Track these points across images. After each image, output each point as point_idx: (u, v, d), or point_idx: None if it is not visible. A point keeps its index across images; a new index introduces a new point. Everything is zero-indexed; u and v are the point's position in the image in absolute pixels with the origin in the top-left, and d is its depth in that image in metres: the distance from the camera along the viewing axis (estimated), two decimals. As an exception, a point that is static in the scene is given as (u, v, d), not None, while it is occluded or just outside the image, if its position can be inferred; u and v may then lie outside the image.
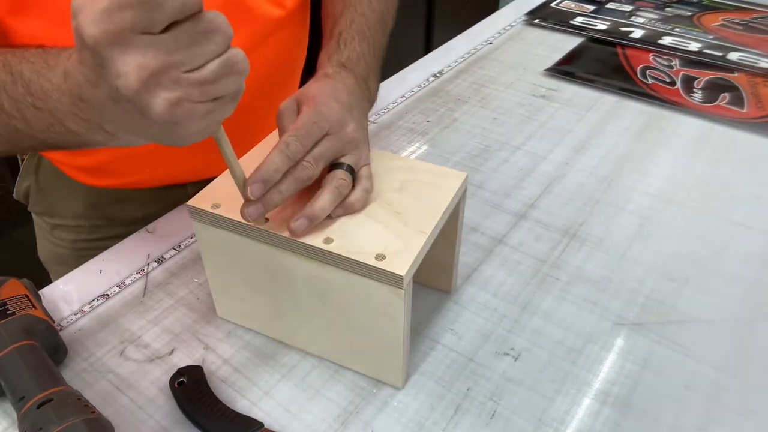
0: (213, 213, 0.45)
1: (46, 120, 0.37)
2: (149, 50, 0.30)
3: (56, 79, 0.35)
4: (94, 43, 0.30)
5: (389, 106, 0.84)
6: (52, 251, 0.74)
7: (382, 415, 0.46)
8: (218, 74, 0.32)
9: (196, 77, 0.31)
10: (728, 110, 0.82)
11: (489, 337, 0.52)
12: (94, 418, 0.40)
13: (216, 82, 0.32)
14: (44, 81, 0.36)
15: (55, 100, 0.36)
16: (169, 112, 0.32)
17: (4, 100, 0.37)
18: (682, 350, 0.51)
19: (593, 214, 0.65)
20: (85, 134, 0.37)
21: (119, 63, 0.30)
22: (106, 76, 0.31)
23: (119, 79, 0.30)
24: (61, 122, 0.36)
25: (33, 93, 0.36)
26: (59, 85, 0.35)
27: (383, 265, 0.40)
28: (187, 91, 0.32)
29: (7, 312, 0.46)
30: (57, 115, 0.36)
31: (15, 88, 0.37)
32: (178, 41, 0.30)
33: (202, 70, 0.32)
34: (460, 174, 0.48)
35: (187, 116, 0.33)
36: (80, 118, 0.36)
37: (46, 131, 0.38)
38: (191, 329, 0.53)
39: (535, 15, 1.10)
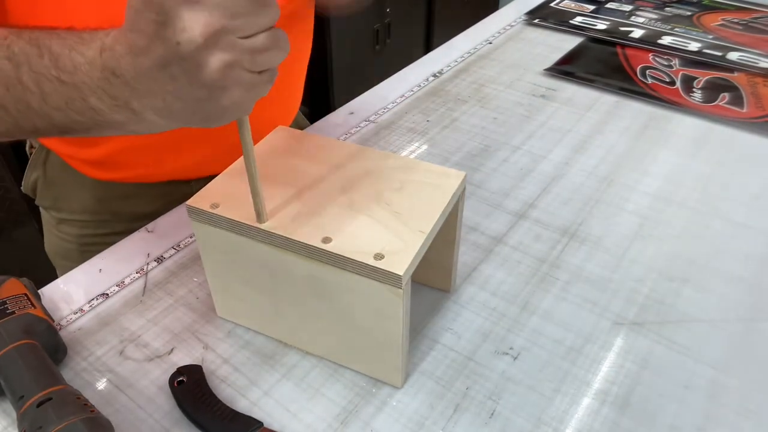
0: (212, 213, 0.45)
1: (67, 94, 0.37)
2: (215, 11, 0.32)
3: (90, 53, 0.36)
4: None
5: (389, 106, 0.84)
6: (58, 245, 0.75)
7: (381, 415, 0.46)
8: (267, 45, 0.34)
9: (249, 44, 0.34)
10: (728, 110, 0.82)
11: (488, 337, 0.52)
12: (93, 417, 0.40)
13: (264, 52, 0.34)
14: (76, 54, 0.36)
15: (84, 74, 0.36)
16: (222, 72, 0.33)
17: (25, 72, 0.38)
18: (682, 350, 0.51)
19: (593, 214, 0.65)
20: (106, 112, 0.37)
21: (186, 18, 0.32)
22: (167, 34, 0.32)
23: (184, 33, 0.32)
24: (83, 98, 0.37)
25: (60, 66, 0.37)
26: (93, 59, 0.36)
27: (382, 264, 0.40)
28: (240, 57, 0.34)
29: (7, 311, 0.46)
30: (82, 89, 0.37)
31: (40, 60, 0.37)
32: (240, 8, 0.33)
33: (255, 39, 0.34)
34: (459, 173, 0.48)
35: (236, 81, 0.34)
36: (106, 94, 0.36)
37: (63, 108, 0.38)
38: (191, 328, 0.53)
39: (535, 15, 1.10)
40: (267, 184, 0.47)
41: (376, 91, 0.88)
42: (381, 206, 0.45)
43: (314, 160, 0.50)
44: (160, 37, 0.33)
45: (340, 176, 0.48)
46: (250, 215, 0.44)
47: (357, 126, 0.80)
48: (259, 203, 0.43)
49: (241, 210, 0.45)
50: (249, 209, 0.44)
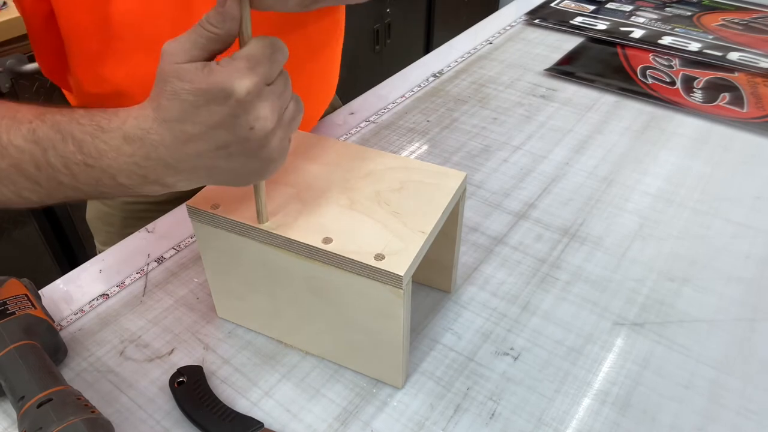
0: (212, 213, 0.45)
1: (96, 175, 0.39)
2: (272, 97, 0.37)
3: (114, 142, 0.38)
4: (245, 94, 0.35)
5: (389, 106, 0.84)
6: (100, 210, 0.77)
7: (381, 415, 0.46)
8: (297, 110, 0.40)
9: (288, 114, 0.39)
10: (728, 110, 0.82)
11: (489, 337, 0.52)
12: (94, 417, 0.40)
13: (296, 117, 0.40)
14: (99, 143, 0.38)
15: (111, 159, 0.38)
16: (279, 147, 0.39)
17: (51, 156, 0.40)
18: (682, 350, 0.51)
19: (593, 214, 0.65)
20: (135, 187, 0.40)
21: (260, 108, 0.36)
22: (241, 122, 0.36)
23: (258, 122, 0.36)
24: (113, 177, 0.39)
25: (84, 152, 0.39)
26: (118, 147, 0.38)
27: (382, 265, 0.40)
28: (287, 128, 0.39)
29: (7, 312, 0.46)
30: (109, 171, 0.39)
31: (65, 146, 0.39)
32: (280, 87, 0.37)
33: (289, 108, 0.39)
34: (459, 174, 0.48)
35: (284, 151, 0.40)
36: (136, 174, 0.39)
37: (92, 184, 0.40)
38: (191, 329, 0.53)
39: (535, 15, 1.10)
40: (267, 185, 0.47)
41: (376, 91, 0.88)
42: (381, 206, 0.45)
43: (314, 160, 0.50)
44: (227, 125, 0.36)
45: (340, 176, 0.48)
46: (250, 216, 0.44)
47: (357, 126, 0.80)
48: (259, 203, 0.43)
49: (241, 210, 0.45)
50: (249, 210, 0.44)
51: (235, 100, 0.35)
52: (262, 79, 0.36)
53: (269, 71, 0.36)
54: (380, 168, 0.49)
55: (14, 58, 1.04)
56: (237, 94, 0.35)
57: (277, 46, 0.37)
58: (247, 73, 0.35)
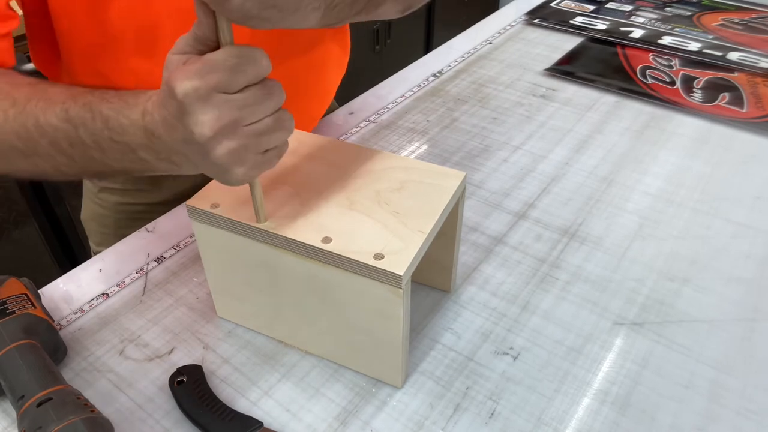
0: (212, 213, 0.45)
1: (121, 149, 0.42)
2: (224, 106, 0.36)
3: (134, 116, 0.41)
4: (183, 95, 0.36)
5: (389, 106, 0.84)
6: (95, 212, 0.78)
7: (381, 414, 0.46)
8: (271, 128, 0.39)
9: (254, 129, 0.38)
10: (728, 110, 0.82)
11: (488, 337, 0.52)
12: (93, 417, 0.40)
13: (268, 134, 0.39)
14: (123, 118, 0.41)
15: (132, 134, 0.41)
16: (227, 157, 0.38)
17: (82, 133, 0.43)
18: (682, 350, 0.51)
19: (593, 214, 0.65)
20: (153, 162, 0.42)
21: (200, 113, 0.36)
22: (185, 122, 0.37)
23: (196, 126, 0.36)
24: (134, 151, 0.42)
25: (110, 128, 0.42)
26: (137, 121, 0.41)
27: (382, 264, 0.40)
28: (246, 142, 0.38)
29: (7, 311, 0.46)
30: (131, 145, 0.42)
31: (94, 123, 0.43)
32: (247, 100, 0.37)
33: (260, 124, 0.38)
34: (458, 173, 0.48)
35: (241, 163, 0.39)
36: (151, 149, 0.41)
37: (120, 159, 0.43)
38: (191, 328, 0.53)
39: (535, 15, 1.10)
40: (267, 184, 0.47)
41: (376, 91, 0.88)
42: (381, 206, 0.45)
43: (314, 160, 0.50)
44: (181, 122, 0.37)
45: (340, 176, 0.48)
46: (250, 215, 0.44)
47: (357, 126, 0.80)
48: (256, 203, 0.43)
49: (241, 210, 0.45)
50: (249, 209, 0.44)
51: (177, 100, 0.36)
52: (210, 85, 0.36)
53: (226, 80, 0.36)
54: (380, 168, 0.49)
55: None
56: (177, 94, 0.36)
57: (249, 57, 0.36)
58: (191, 75, 0.36)
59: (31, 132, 0.45)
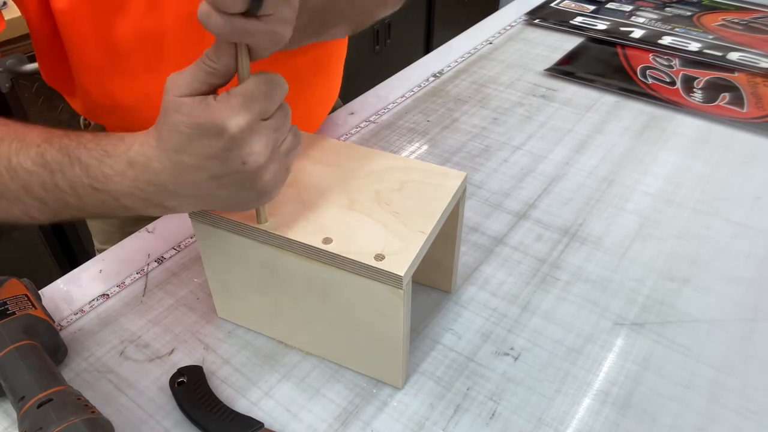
0: (212, 213, 0.45)
1: (101, 198, 0.41)
2: (267, 131, 0.38)
3: (118, 167, 0.40)
4: (239, 131, 0.36)
5: (389, 106, 0.84)
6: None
7: (382, 415, 0.46)
8: (294, 144, 0.41)
9: (284, 148, 0.40)
10: (728, 110, 0.82)
11: (489, 337, 0.52)
12: (94, 417, 0.40)
13: (293, 150, 0.41)
14: (105, 167, 0.40)
15: (116, 183, 0.40)
16: (272, 180, 0.39)
17: (59, 179, 0.41)
18: (682, 350, 0.51)
19: (593, 214, 0.65)
20: (140, 209, 0.42)
21: (254, 144, 0.37)
22: (233, 157, 0.37)
23: (251, 157, 0.37)
24: (117, 200, 0.41)
25: (91, 176, 0.40)
26: (122, 172, 0.40)
27: (382, 265, 0.40)
28: (282, 161, 0.40)
29: (7, 312, 0.46)
30: (114, 195, 0.41)
31: (72, 170, 0.41)
32: (278, 122, 0.38)
33: (286, 142, 0.40)
34: (459, 174, 0.48)
35: (279, 183, 0.41)
36: (139, 198, 0.40)
37: (99, 206, 0.42)
38: (191, 329, 0.53)
39: (535, 15, 1.10)
40: (267, 185, 0.47)
41: (376, 91, 0.88)
42: (381, 207, 0.45)
43: (314, 160, 0.50)
44: (221, 158, 0.37)
45: (340, 176, 0.48)
46: (250, 216, 0.44)
47: (357, 126, 0.80)
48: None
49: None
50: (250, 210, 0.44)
51: (228, 136, 0.36)
52: (256, 116, 0.37)
53: (265, 107, 0.37)
54: (380, 168, 0.49)
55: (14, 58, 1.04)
56: (230, 131, 0.36)
57: (275, 83, 0.37)
58: (240, 110, 0.36)
59: (1, 174, 0.43)
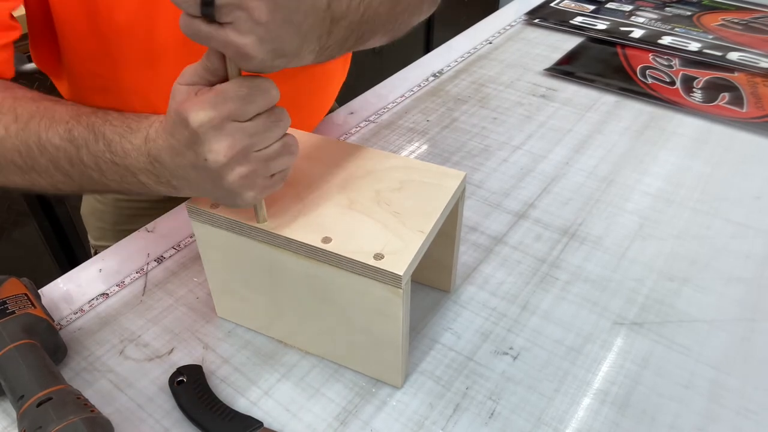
0: (212, 212, 0.45)
1: (121, 172, 0.43)
2: (237, 134, 0.37)
3: (137, 141, 0.42)
4: (198, 125, 0.37)
5: (389, 106, 0.84)
6: (94, 207, 0.79)
7: (381, 414, 0.46)
8: (279, 153, 0.40)
9: (263, 155, 0.39)
10: (728, 110, 0.82)
11: (488, 337, 0.52)
12: (93, 416, 0.40)
13: (276, 159, 0.40)
14: (126, 142, 0.43)
15: (133, 158, 0.42)
16: (238, 183, 0.39)
17: (84, 154, 0.44)
18: (682, 350, 0.51)
19: (593, 214, 0.65)
20: (152, 186, 0.43)
21: (214, 142, 0.37)
22: (197, 150, 0.38)
23: (210, 154, 0.38)
24: (134, 175, 0.43)
25: (113, 151, 0.43)
26: (139, 146, 0.42)
27: (382, 264, 0.40)
28: (256, 167, 0.39)
29: (7, 311, 0.46)
30: (132, 169, 0.43)
31: (96, 145, 0.44)
32: (257, 128, 0.38)
33: (269, 149, 0.39)
34: (458, 173, 0.48)
35: (251, 187, 0.40)
36: (152, 173, 0.42)
37: (118, 181, 0.44)
38: (191, 328, 0.53)
39: (535, 15, 1.10)
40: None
41: (376, 91, 0.88)
42: (381, 206, 0.45)
43: (314, 160, 0.50)
44: (191, 149, 0.38)
45: (340, 176, 0.48)
46: (249, 215, 0.44)
47: (357, 126, 0.80)
48: (258, 204, 0.43)
49: (241, 210, 0.45)
50: (249, 210, 0.44)
51: (191, 129, 0.37)
52: (223, 115, 0.37)
53: (238, 110, 0.37)
54: (380, 168, 0.49)
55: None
56: (191, 124, 0.37)
57: (259, 88, 0.38)
58: (206, 106, 0.37)
59: (32, 149, 0.45)
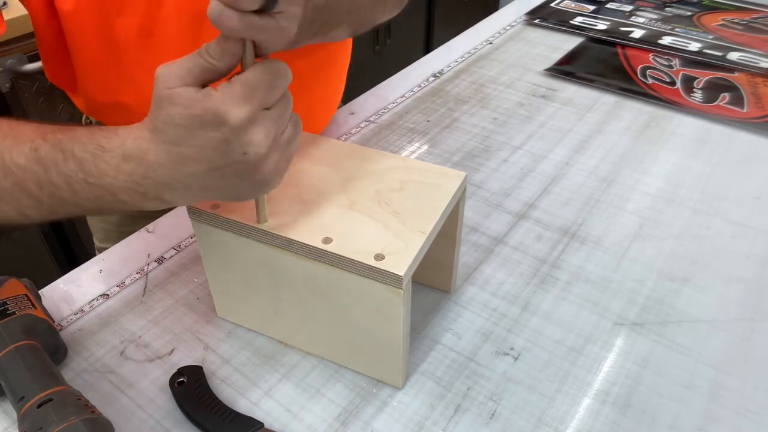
0: (212, 213, 0.45)
1: (97, 192, 0.40)
2: (268, 122, 0.37)
3: (113, 161, 0.39)
4: (239, 122, 0.35)
5: (389, 106, 0.84)
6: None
7: (382, 415, 0.46)
8: (295, 133, 0.40)
9: (285, 137, 0.39)
10: (728, 110, 0.82)
11: (489, 337, 0.52)
12: (94, 417, 0.40)
13: (293, 140, 0.40)
14: (100, 162, 0.39)
15: (111, 177, 0.39)
16: (273, 169, 0.39)
17: (53, 174, 0.40)
18: (682, 350, 0.51)
19: (593, 214, 0.65)
20: (136, 203, 0.41)
21: (253, 135, 0.36)
22: (234, 148, 0.36)
23: (251, 147, 0.36)
24: (113, 194, 0.40)
25: (85, 170, 0.39)
26: (117, 166, 0.39)
27: (382, 265, 0.40)
28: (282, 151, 0.39)
29: (7, 312, 0.46)
30: (110, 189, 0.40)
31: (66, 165, 0.40)
32: (280, 111, 0.38)
33: (287, 131, 0.39)
34: (459, 174, 0.48)
35: (280, 173, 0.40)
36: (135, 192, 0.39)
37: (94, 200, 0.41)
38: (191, 329, 0.53)
39: (535, 15, 1.10)
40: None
41: (376, 91, 0.88)
42: (381, 206, 0.45)
43: (314, 160, 0.50)
44: (221, 149, 0.36)
45: (340, 176, 0.48)
46: (250, 216, 0.44)
47: (357, 126, 0.80)
48: (259, 204, 0.43)
49: (241, 210, 0.45)
50: (249, 210, 0.44)
51: (229, 127, 0.35)
52: (257, 106, 0.36)
53: (267, 97, 0.36)
54: (380, 168, 0.49)
55: (14, 58, 1.04)
56: (231, 122, 0.35)
57: (280, 72, 0.37)
58: (241, 100, 0.35)
59: None
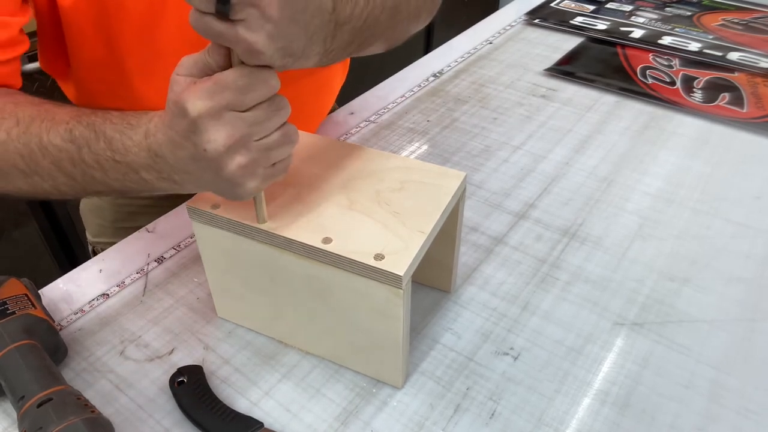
0: (212, 213, 0.45)
1: (123, 170, 0.43)
2: (236, 123, 0.37)
3: (137, 137, 0.42)
4: (197, 115, 0.37)
5: (389, 106, 0.84)
6: (93, 204, 0.80)
7: (381, 415, 0.46)
8: (279, 142, 0.40)
9: (264, 144, 0.39)
10: (728, 110, 0.82)
11: (488, 337, 0.52)
12: (94, 417, 0.40)
13: (276, 148, 0.40)
14: (126, 138, 0.42)
15: (134, 155, 0.42)
16: (239, 172, 0.39)
17: (86, 153, 0.44)
18: (682, 350, 0.51)
19: (593, 214, 0.65)
20: (154, 182, 0.43)
21: (212, 131, 0.37)
22: (196, 140, 0.38)
23: (209, 144, 0.38)
24: (136, 172, 0.43)
25: (114, 148, 0.43)
26: (140, 142, 0.42)
27: (382, 264, 0.40)
28: (256, 156, 0.39)
29: (7, 311, 0.46)
30: (133, 166, 0.43)
31: (97, 144, 0.43)
32: (257, 117, 0.38)
33: (269, 138, 0.39)
34: (459, 174, 0.48)
35: (252, 177, 0.40)
36: (153, 169, 0.42)
37: (120, 179, 0.44)
38: (191, 329, 0.53)
39: (535, 15, 1.10)
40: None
41: (376, 91, 0.88)
42: (381, 206, 0.45)
43: (314, 160, 0.50)
44: (190, 140, 0.38)
45: (340, 176, 0.48)
46: (250, 216, 0.44)
47: (357, 126, 0.80)
48: (259, 204, 0.43)
49: (241, 210, 0.45)
50: (249, 210, 0.44)
51: (189, 119, 0.37)
52: (221, 105, 0.37)
53: (237, 99, 0.37)
54: (380, 168, 0.49)
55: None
56: (189, 114, 0.37)
57: (259, 78, 0.37)
58: (204, 95, 0.36)
59: (34, 152, 0.45)
